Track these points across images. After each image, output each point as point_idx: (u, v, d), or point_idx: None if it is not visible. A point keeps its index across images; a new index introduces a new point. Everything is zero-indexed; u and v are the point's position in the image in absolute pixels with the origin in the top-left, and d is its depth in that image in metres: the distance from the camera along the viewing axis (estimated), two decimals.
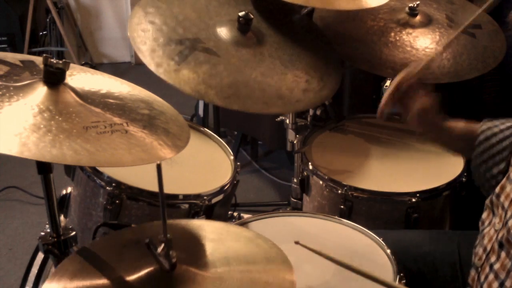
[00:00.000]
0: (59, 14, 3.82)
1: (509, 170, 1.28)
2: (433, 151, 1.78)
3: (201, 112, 3.13)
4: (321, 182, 1.67)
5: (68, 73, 1.12)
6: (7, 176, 2.92)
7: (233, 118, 3.00)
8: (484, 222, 1.32)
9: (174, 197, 1.48)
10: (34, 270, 1.80)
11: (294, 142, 1.91)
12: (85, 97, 1.13)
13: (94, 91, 1.18)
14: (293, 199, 1.99)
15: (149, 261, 0.97)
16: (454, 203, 1.67)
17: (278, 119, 1.96)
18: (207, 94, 1.48)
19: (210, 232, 1.12)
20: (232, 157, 1.69)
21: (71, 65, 1.14)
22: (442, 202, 1.65)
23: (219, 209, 1.55)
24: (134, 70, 4.23)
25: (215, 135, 1.78)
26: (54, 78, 1.10)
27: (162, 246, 0.94)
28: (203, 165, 1.68)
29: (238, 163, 1.65)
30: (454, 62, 1.79)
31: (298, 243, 1.08)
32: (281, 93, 1.55)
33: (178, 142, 1.16)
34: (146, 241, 0.94)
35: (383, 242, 1.35)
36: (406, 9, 1.89)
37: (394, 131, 1.88)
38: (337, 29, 1.89)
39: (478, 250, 1.28)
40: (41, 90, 1.08)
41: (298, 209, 1.92)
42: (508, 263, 1.17)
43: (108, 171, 1.48)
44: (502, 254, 1.19)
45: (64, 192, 1.59)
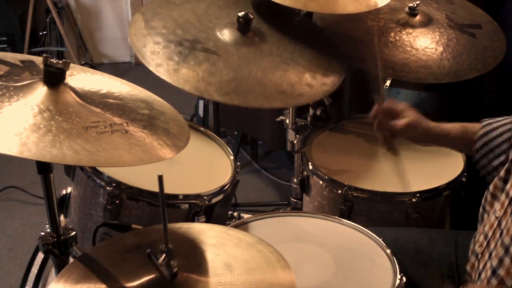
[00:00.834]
0: (59, 14, 3.82)
1: None
2: (433, 151, 1.78)
3: (201, 112, 3.12)
4: (321, 182, 1.67)
5: (68, 73, 1.12)
6: (7, 176, 2.91)
7: (233, 118, 2.99)
8: (486, 212, 1.32)
9: (174, 197, 1.47)
10: (34, 270, 1.80)
11: (294, 142, 1.92)
12: (85, 97, 1.13)
13: (94, 91, 1.18)
14: (293, 199, 1.99)
15: (150, 268, 0.97)
16: (454, 203, 1.67)
17: (278, 119, 1.96)
18: (207, 91, 1.49)
19: (210, 237, 1.12)
20: (232, 157, 1.69)
21: (71, 65, 1.14)
22: (442, 202, 1.65)
23: (219, 209, 1.55)
24: (134, 70, 4.22)
25: (215, 135, 1.78)
26: (54, 78, 1.10)
27: (163, 256, 0.94)
28: (203, 165, 1.68)
29: (238, 163, 1.65)
30: (454, 62, 1.79)
31: None
32: (282, 88, 1.55)
33: (178, 142, 1.16)
34: (147, 251, 0.94)
35: (383, 242, 1.35)
36: (406, 9, 1.89)
37: None
38: (337, 29, 1.89)
39: (479, 238, 1.28)
40: (41, 90, 1.08)
41: (298, 209, 1.92)
42: (500, 252, 1.18)
43: (108, 171, 1.48)
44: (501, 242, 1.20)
45: (64, 192, 1.59)
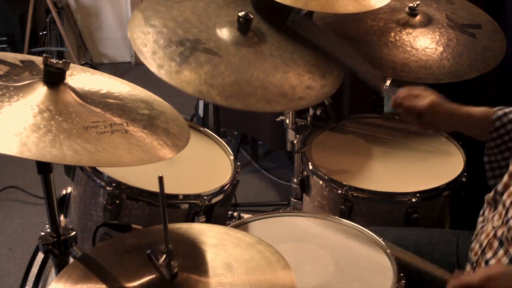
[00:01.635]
0: (59, 14, 3.82)
1: (511, 169, 1.29)
2: (433, 151, 1.78)
3: (201, 112, 3.12)
4: (321, 182, 1.67)
5: (68, 73, 1.12)
6: (7, 176, 2.91)
7: (233, 118, 2.99)
8: (482, 218, 1.33)
9: (174, 197, 1.47)
10: (34, 270, 1.80)
11: (294, 142, 1.91)
12: (85, 97, 1.13)
13: (94, 91, 1.18)
14: (293, 199, 1.99)
15: (150, 268, 0.97)
16: (454, 203, 1.67)
17: (278, 119, 1.96)
18: (210, 94, 1.49)
19: (211, 237, 1.12)
20: (232, 157, 1.69)
21: (71, 65, 1.14)
22: (442, 202, 1.65)
23: (219, 209, 1.55)
24: (134, 70, 4.23)
25: (215, 135, 1.78)
26: (54, 78, 1.10)
27: (164, 257, 0.94)
28: (203, 165, 1.68)
29: (238, 163, 1.65)
30: (454, 62, 1.79)
31: None
32: (283, 90, 1.55)
33: (178, 142, 1.16)
34: (147, 252, 0.94)
35: (383, 242, 1.35)
36: (406, 9, 1.89)
37: (394, 131, 1.88)
38: (337, 29, 1.89)
39: (475, 246, 1.28)
40: (41, 90, 1.08)
41: (298, 209, 1.92)
42: (505, 260, 1.17)
43: (108, 171, 1.48)
44: (500, 252, 1.20)
45: (64, 192, 1.59)
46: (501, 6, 2.22)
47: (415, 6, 1.87)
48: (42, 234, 1.18)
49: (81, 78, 1.21)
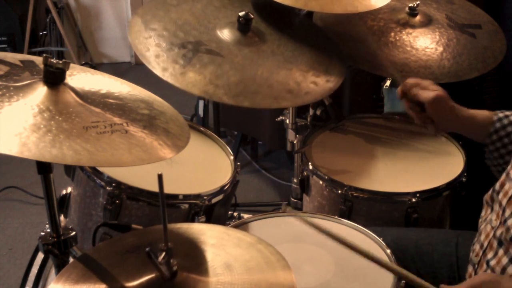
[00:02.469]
0: (59, 14, 3.82)
1: (508, 168, 1.29)
2: (433, 151, 1.78)
3: (201, 112, 3.12)
4: (321, 182, 1.67)
5: (68, 73, 1.12)
6: (7, 176, 2.91)
7: (233, 118, 2.99)
8: (482, 219, 1.33)
9: (174, 197, 1.47)
10: (34, 270, 1.81)
11: (294, 142, 1.92)
12: (85, 97, 1.13)
13: (94, 91, 1.18)
14: (293, 199, 1.99)
15: (150, 268, 0.97)
16: (454, 203, 1.67)
17: (278, 119, 1.96)
18: (216, 94, 1.49)
19: (210, 237, 1.12)
20: (232, 157, 1.69)
21: (71, 65, 1.14)
22: (442, 202, 1.65)
23: (219, 209, 1.55)
24: (134, 70, 4.23)
25: (215, 135, 1.78)
26: (54, 78, 1.10)
27: (163, 255, 0.94)
28: (203, 165, 1.68)
29: (238, 163, 1.65)
30: (454, 62, 1.79)
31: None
32: (289, 87, 1.56)
33: (178, 142, 1.16)
34: (147, 250, 0.94)
35: (383, 242, 1.35)
36: (406, 9, 1.89)
37: (394, 131, 1.88)
38: (337, 29, 1.89)
39: (476, 247, 1.28)
40: (41, 90, 1.08)
41: (298, 209, 1.92)
42: (505, 260, 1.17)
43: (108, 171, 1.48)
44: (500, 252, 1.20)
45: (64, 192, 1.59)
46: (501, 6, 2.22)
47: (415, 6, 1.87)
48: (42, 234, 1.18)
49: (81, 78, 1.21)
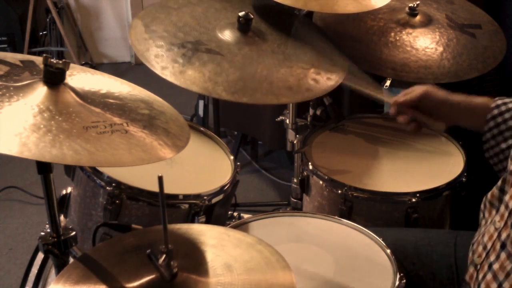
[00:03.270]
0: (59, 14, 3.82)
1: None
2: (433, 151, 1.78)
3: (201, 112, 3.12)
4: (321, 182, 1.67)
5: (68, 73, 1.12)
6: (7, 176, 2.92)
7: (233, 118, 2.99)
8: (485, 219, 1.31)
9: (174, 197, 1.47)
10: (34, 270, 1.80)
11: (294, 142, 1.91)
12: (85, 97, 1.13)
13: (94, 91, 1.18)
14: (293, 199, 1.99)
15: (150, 268, 0.97)
16: (454, 203, 1.67)
17: (278, 119, 1.96)
18: (215, 90, 1.50)
19: (210, 237, 1.11)
20: (232, 157, 1.69)
21: (71, 65, 1.14)
22: (442, 202, 1.65)
23: (219, 209, 1.55)
24: (134, 70, 4.23)
25: (215, 135, 1.78)
26: (54, 78, 1.10)
27: (163, 257, 0.94)
28: (203, 165, 1.68)
29: (238, 163, 1.65)
30: (454, 62, 1.80)
31: None
32: (289, 84, 1.56)
33: (178, 142, 1.16)
34: (147, 252, 0.94)
35: (383, 242, 1.35)
36: (406, 9, 1.89)
37: (394, 131, 1.88)
38: (337, 29, 1.89)
39: (478, 248, 1.27)
40: (41, 90, 1.08)
41: (298, 209, 1.92)
42: (508, 265, 1.16)
43: (108, 171, 1.48)
44: (502, 255, 1.18)
45: (64, 192, 1.59)
46: (501, 6, 2.23)
47: (415, 6, 1.87)
48: (42, 234, 1.18)
49: (81, 78, 1.21)
